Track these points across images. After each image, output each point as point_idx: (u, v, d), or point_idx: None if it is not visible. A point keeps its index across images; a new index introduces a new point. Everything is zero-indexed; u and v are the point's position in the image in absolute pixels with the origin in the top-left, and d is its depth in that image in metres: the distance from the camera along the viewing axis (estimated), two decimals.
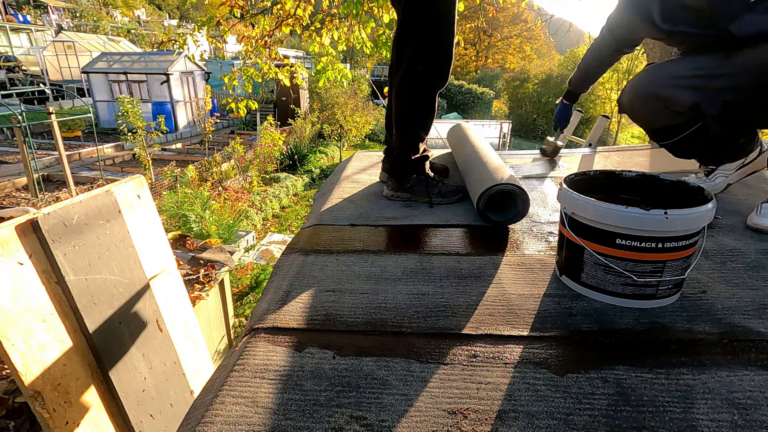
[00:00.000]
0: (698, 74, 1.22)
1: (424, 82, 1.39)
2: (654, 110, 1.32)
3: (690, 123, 1.29)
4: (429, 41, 1.33)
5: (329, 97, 12.82)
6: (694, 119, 1.28)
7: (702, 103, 1.21)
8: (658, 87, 1.28)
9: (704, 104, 1.21)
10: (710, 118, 1.24)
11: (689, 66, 1.24)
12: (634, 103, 1.37)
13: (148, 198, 2.12)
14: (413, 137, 1.46)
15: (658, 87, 1.28)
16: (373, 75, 21.43)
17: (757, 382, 0.66)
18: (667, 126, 1.35)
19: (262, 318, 0.85)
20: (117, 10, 31.55)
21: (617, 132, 19.92)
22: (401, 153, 1.47)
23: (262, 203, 7.55)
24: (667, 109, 1.28)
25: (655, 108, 1.31)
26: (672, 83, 1.25)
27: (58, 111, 9.83)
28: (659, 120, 1.35)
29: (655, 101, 1.29)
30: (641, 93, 1.33)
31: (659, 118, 1.34)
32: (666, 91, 1.26)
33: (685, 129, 1.31)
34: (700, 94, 1.21)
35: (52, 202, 4.99)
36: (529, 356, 0.73)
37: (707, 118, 1.25)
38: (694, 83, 1.22)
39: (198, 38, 4.28)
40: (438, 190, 1.46)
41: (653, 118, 1.36)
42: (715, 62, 1.18)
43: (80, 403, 1.58)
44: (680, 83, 1.24)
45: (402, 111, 1.44)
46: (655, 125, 1.39)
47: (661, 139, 1.42)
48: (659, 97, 1.28)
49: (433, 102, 1.43)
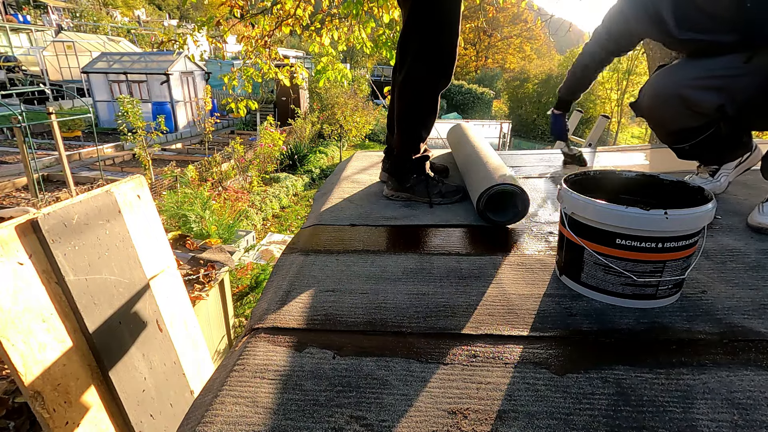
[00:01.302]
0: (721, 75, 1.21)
1: (426, 81, 1.39)
2: (676, 112, 1.30)
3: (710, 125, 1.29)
4: (432, 40, 1.33)
5: (329, 97, 12.83)
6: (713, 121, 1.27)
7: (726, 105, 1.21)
8: (683, 88, 1.26)
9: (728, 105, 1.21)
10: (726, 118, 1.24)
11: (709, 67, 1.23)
12: (654, 106, 1.35)
13: (148, 198, 2.12)
14: (414, 137, 1.46)
15: (682, 88, 1.26)
16: (373, 75, 21.44)
17: (757, 382, 0.66)
18: (686, 128, 1.33)
19: (262, 318, 0.85)
20: (117, 10, 31.56)
21: (617, 132, 19.93)
22: (402, 152, 1.47)
23: (262, 203, 7.55)
24: (690, 111, 1.27)
25: (677, 110, 1.30)
26: (696, 84, 1.24)
27: (58, 111, 9.83)
28: (680, 122, 1.33)
29: (678, 103, 1.28)
30: (664, 95, 1.32)
31: (681, 120, 1.32)
32: (690, 92, 1.25)
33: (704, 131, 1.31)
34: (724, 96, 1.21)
35: (52, 202, 4.99)
36: (529, 356, 0.73)
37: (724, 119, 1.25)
38: (717, 84, 1.21)
39: (198, 38, 4.28)
40: (438, 190, 1.46)
41: (675, 120, 1.34)
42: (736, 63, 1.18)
43: (80, 403, 1.58)
44: (705, 84, 1.23)
45: (404, 110, 1.44)
46: (674, 127, 1.37)
47: (677, 141, 1.41)
48: (683, 98, 1.26)
49: (436, 102, 1.43)
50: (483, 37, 29.16)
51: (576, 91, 1.74)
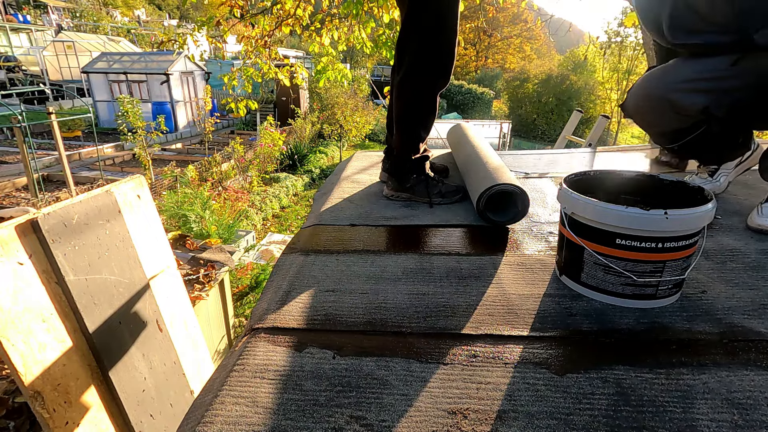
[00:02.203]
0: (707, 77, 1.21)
1: (425, 81, 1.39)
2: (663, 115, 1.31)
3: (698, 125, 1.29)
4: (431, 40, 1.33)
5: (329, 97, 12.83)
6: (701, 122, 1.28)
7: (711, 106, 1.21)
8: (669, 91, 1.26)
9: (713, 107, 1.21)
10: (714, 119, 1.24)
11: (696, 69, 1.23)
12: (641, 108, 1.36)
13: (148, 198, 2.12)
14: (414, 137, 1.46)
15: (668, 91, 1.27)
16: (373, 75, 21.44)
17: (757, 382, 0.66)
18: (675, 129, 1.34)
19: (262, 318, 0.85)
20: (117, 10, 31.56)
21: (617, 132, 19.93)
22: (401, 153, 1.47)
23: (262, 203, 7.55)
24: (676, 113, 1.28)
25: (664, 112, 1.30)
26: (682, 87, 1.24)
27: (58, 111, 9.83)
28: (667, 123, 1.33)
29: (664, 105, 1.28)
30: (650, 97, 1.32)
31: (668, 122, 1.32)
32: (676, 95, 1.25)
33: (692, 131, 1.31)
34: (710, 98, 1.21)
35: (52, 202, 4.99)
36: (529, 356, 0.73)
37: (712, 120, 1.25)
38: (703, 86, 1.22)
39: (198, 38, 4.28)
40: (438, 190, 1.46)
41: (661, 122, 1.35)
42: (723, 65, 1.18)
43: (80, 403, 1.58)
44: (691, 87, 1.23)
45: (403, 110, 1.44)
46: (662, 128, 1.38)
47: (667, 142, 1.42)
48: (669, 101, 1.27)
49: (435, 101, 1.43)
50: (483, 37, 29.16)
51: None
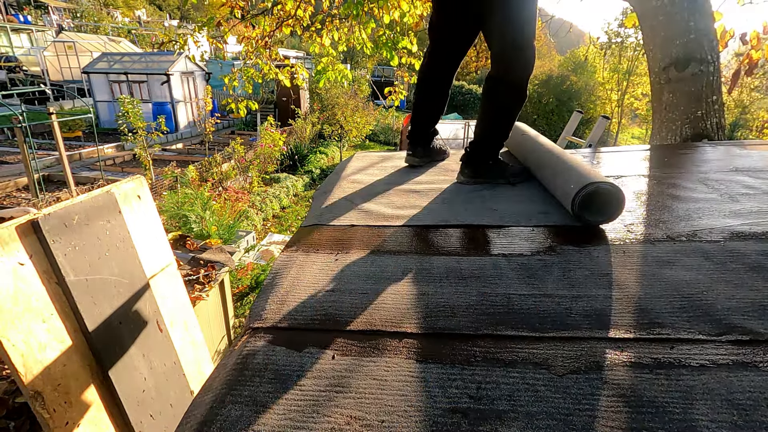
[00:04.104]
0: None
1: (523, 88, 1.64)
2: None
3: None
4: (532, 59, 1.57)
5: (330, 97, 12.84)
6: None
7: None
8: None
9: None
10: None
11: None
12: None
13: (148, 198, 2.12)
14: (507, 135, 1.68)
15: None
16: (373, 75, 21.44)
17: (757, 383, 0.66)
18: None
19: (262, 317, 0.85)
20: (117, 10, 31.59)
21: (617, 132, 19.93)
22: (486, 146, 1.63)
23: (263, 203, 7.56)
24: None
25: None
26: None
27: (59, 111, 9.83)
28: None
29: None
30: None
31: None
32: None
33: None
34: None
35: (53, 202, 4.99)
36: (529, 356, 0.73)
37: None
38: None
39: (198, 39, 4.28)
40: (510, 173, 1.62)
41: None
42: None
43: (80, 403, 1.58)
44: None
45: (504, 112, 1.66)
46: None
47: None
48: None
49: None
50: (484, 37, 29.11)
51: None
